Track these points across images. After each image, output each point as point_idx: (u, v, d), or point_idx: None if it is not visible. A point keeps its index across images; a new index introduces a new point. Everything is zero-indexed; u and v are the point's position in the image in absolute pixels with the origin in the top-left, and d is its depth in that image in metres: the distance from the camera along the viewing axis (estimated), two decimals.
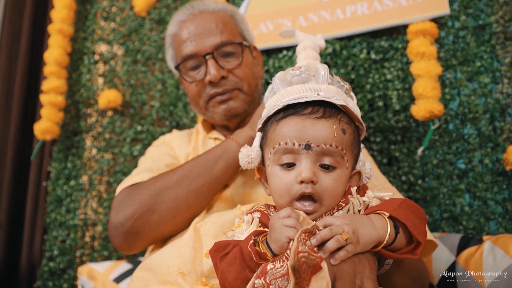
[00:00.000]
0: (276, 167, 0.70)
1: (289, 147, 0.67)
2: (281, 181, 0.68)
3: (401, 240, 0.63)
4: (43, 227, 1.82)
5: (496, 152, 1.20)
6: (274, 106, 0.74)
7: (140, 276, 0.88)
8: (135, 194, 0.90)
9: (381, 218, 0.63)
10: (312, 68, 0.75)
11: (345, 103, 0.71)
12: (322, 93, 0.71)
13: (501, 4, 1.25)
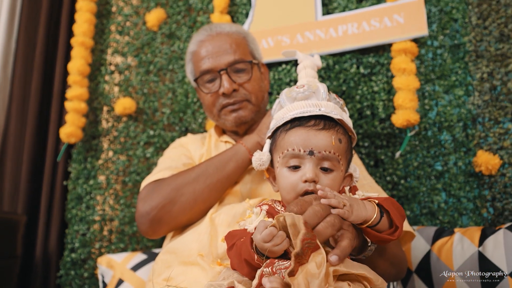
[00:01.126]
0: (284, 168, 0.85)
1: (296, 153, 0.81)
2: (288, 180, 0.83)
3: (384, 223, 0.76)
4: (60, 222, 1.99)
5: (468, 156, 1.38)
6: (282, 118, 0.88)
7: (164, 258, 1.04)
8: (159, 188, 1.07)
9: (371, 204, 0.77)
10: (313, 87, 0.90)
11: (341, 117, 0.86)
12: (323, 109, 0.84)
13: (473, 26, 1.43)
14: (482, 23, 1.42)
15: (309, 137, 0.82)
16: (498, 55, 1.38)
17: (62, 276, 1.68)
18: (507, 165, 1.31)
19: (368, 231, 0.74)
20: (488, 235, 1.15)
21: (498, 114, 1.35)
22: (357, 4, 1.56)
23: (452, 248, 1.19)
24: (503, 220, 1.30)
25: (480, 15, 1.42)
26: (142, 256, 1.56)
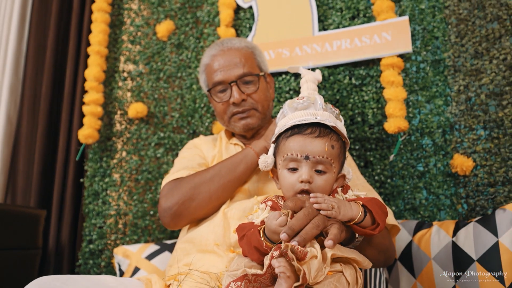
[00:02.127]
0: (284, 170, 1.01)
1: (294, 157, 0.96)
2: (288, 180, 0.99)
3: (367, 220, 0.92)
4: (72, 216, 2.15)
5: (446, 158, 1.56)
6: (284, 125, 1.03)
7: (182, 247, 1.21)
8: (179, 186, 1.23)
9: (357, 205, 0.93)
10: (311, 98, 1.06)
11: (335, 125, 1.01)
12: (319, 117, 0.98)
13: (452, 43, 1.61)
14: (459, 41, 1.60)
15: (306, 144, 0.95)
16: (473, 70, 1.56)
17: (81, 265, 1.84)
18: (479, 167, 1.50)
19: (354, 227, 0.90)
20: (461, 227, 1.34)
21: (472, 122, 1.54)
22: (350, 21, 1.74)
23: (430, 238, 1.38)
24: (475, 215, 1.49)
25: (458, 34, 1.61)
26: (155, 246, 1.72)
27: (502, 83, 1.51)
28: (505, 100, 1.50)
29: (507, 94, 1.50)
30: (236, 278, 0.89)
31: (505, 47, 1.52)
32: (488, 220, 1.29)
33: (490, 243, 1.24)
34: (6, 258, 1.69)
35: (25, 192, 2.46)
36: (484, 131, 1.52)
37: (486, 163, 1.49)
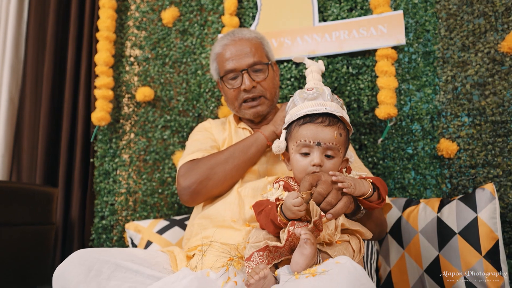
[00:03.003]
0: (297, 154, 1.13)
1: (307, 143, 1.09)
2: (300, 164, 1.12)
3: (375, 196, 1.06)
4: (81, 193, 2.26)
5: (433, 142, 1.72)
6: (296, 114, 1.13)
7: (199, 222, 1.34)
8: (196, 167, 1.35)
9: (367, 182, 1.07)
10: (320, 90, 1.17)
11: (342, 115, 1.14)
12: (328, 108, 1.09)
13: (442, 36, 1.75)
14: (448, 34, 1.74)
15: (317, 132, 1.08)
16: (460, 61, 1.71)
17: (94, 239, 1.97)
18: (462, 150, 1.66)
19: (363, 201, 1.06)
20: (445, 204, 1.51)
21: (457, 109, 1.69)
22: (347, 13, 1.86)
23: (417, 214, 1.55)
24: (457, 193, 1.66)
25: (447, 27, 1.74)
26: (165, 222, 1.86)
27: (485, 75, 1.66)
28: (487, 90, 1.65)
29: (490, 85, 1.65)
30: (259, 249, 1.04)
31: (490, 41, 1.67)
32: (469, 198, 1.46)
33: (470, 218, 1.42)
34: (24, 233, 1.81)
35: (30, 170, 2.55)
36: (468, 118, 1.68)
37: (469, 147, 1.65)
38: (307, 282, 0.84)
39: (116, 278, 1.02)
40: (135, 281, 1.04)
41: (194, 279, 1.00)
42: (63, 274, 1.02)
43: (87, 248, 1.10)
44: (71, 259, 1.04)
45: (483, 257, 1.36)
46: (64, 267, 1.03)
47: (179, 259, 1.20)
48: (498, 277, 1.34)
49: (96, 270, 1.02)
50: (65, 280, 1.01)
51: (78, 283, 0.99)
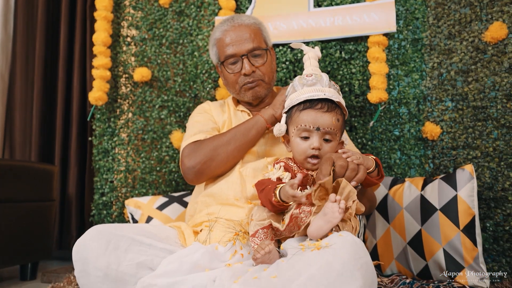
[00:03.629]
0: (297, 138, 1.22)
1: (307, 128, 1.17)
2: (300, 147, 1.21)
3: (375, 172, 1.17)
4: (78, 170, 2.31)
5: (418, 125, 1.84)
6: (296, 99, 1.20)
7: (203, 200, 1.44)
8: (200, 148, 1.43)
9: (371, 159, 1.18)
10: (318, 76, 1.24)
11: (339, 100, 1.23)
12: (326, 93, 1.17)
13: (430, 25, 1.84)
14: (436, 23, 1.83)
15: (317, 117, 1.16)
16: (446, 49, 1.81)
17: (95, 215, 2.05)
18: (445, 133, 1.79)
19: (366, 177, 1.13)
20: (428, 183, 1.64)
21: (442, 95, 1.81)
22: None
23: (403, 192, 1.68)
24: (439, 173, 1.80)
25: (435, 16, 1.83)
26: (164, 199, 1.95)
27: (469, 62, 1.77)
28: (470, 77, 1.77)
29: (472, 72, 1.76)
30: (263, 226, 1.14)
31: (474, 30, 1.77)
32: (450, 177, 1.59)
33: (451, 195, 1.55)
34: (26, 209, 1.86)
35: (23, 147, 2.58)
36: (451, 103, 1.79)
37: (451, 130, 1.78)
38: (312, 255, 0.94)
39: (132, 251, 1.11)
40: (150, 254, 1.13)
41: (205, 252, 1.10)
42: (83, 248, 1.10)
43: (102, 224, 1.18)
44: (90, 234, 1.12)
45: (461, 231, 1.51)
46: (84, 241, 1.11)
47: (186, 234, 1.30)
48: (473, 248, 1.49)
49: (114, 244, 1.10)
50: (86, 253, 1.09)
51: (98, 256, 1.08)
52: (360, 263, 0.92)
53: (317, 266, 0.90)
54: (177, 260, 1.08)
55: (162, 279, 1.05)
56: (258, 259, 1.06)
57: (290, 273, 0.92)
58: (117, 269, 1.07)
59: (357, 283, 0.88)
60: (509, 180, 1.66)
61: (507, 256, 1.64)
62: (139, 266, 1.09)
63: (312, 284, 0.87)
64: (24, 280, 1.93)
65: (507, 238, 1.65)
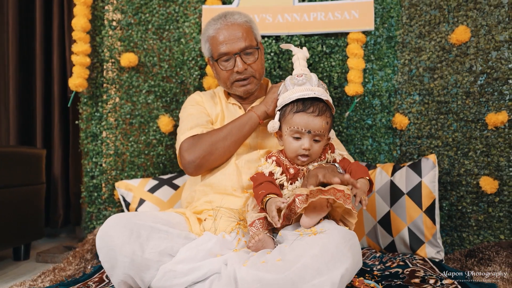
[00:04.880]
0: (290, 137, 1.36)
1: (299, 130, 1.32)
2: (292, 145, 1.35)
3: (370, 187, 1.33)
4: (62, 153, 2.35)
5: (389, 115, 2.04)
6: (288, 98, 1.33)
7: (201, 189, 1.56)
8: (199, 143, 1.54)
9: (367, 182, 1.30)
10: (308, 76, 1.38)
11: (327, 99, 1.38)
12: (316, 92, 1.30)
13: (403, 24, 2.01)
14: (409, 22, 2.01)
15: (309, 121, 1.30)
16: (416, 48, 2.00)
17: (86, 197, 2.12)
18: (412, 124, 2.01)
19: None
20: (397, 170, 1.87)
21: (411, 89, 2.01)
22: None
23: (375, 177, 1.90)
24: (405, 159, 2.03)
25: (408, 16, 2.00)
26: (154, 181, 2.05)
27: (436, 61, 1.97)
28: (436, 74, 1.97)
29: (438, 70, 1.97)
30: (259, 218, 1.30)
31: (442, 31, 1.96)
32: (416, 165, 1.83)
33: (416, 181, 1.78)
34: (18, 193, 1.91)
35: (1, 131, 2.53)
36: (418, 97, 2.00)
37: (417, 122, 2.00)
38: (311, 240, 1.12)
39: (153, 239, 1.24)
40: (170, 241, 1.26)
41: (217, 242, 1.26)
42: (107, 235, 1.21)
43: (120, 214, 1.29)
44: (112, 222, 1.23)
45: (423, 212, 1.75)
46: (107, 229, 1.22)
47: (192, 221, 1.44)
48: (432, 227, 1.75)
49: (136, 232, 1.22)
50: (111, 241, 1.20)
51: (123, 243, 1.19)
52: (349, 244, 1.12)
53: (315, 249, 1.08)
54: (194, 248, 1.22)
55: (182, 265, 1.20)
56: (251, 247, 1.23)
57: (292, 255, 1.10)
58: (142, 256, 1.20)
59: (348, 261, 1.08)
60: (464, 167, 1.93)
61: (458, 231, 1.93)
62: (161, 254, 1.23)
63: (313, 264, 1.05)
64: (18, 260, 2.00)
65: (459, 216, 1.93)
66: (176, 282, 1.20)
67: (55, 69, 2.40)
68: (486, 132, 1.91)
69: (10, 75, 2.46)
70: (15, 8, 2.47)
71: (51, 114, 2.44)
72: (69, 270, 1.73)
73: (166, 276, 1.20)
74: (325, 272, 1.05)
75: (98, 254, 1.22)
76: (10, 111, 2.45)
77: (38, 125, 2.42)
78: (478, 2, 1.92)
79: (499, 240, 1.87)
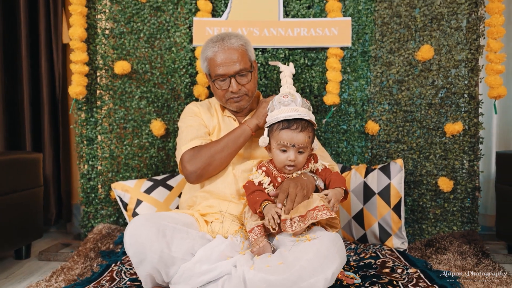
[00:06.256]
0: (278, 150, 1.55)
1: (285, 145, 1.52)
2: (280, 157, 1.55)
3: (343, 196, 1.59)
4: (53, 156, 2.43)
5: (362, 122, 2.30)
6: (275, 117, 1.53)
7: (202, 195, 1.75)
8: (199, 155, 1.70)
9: (341, 191, 1.55)
10: (293, 97, 1.60)
11: (310, 118, 1.60)
12: (300, 114, 1.53)
13: (376, 40, 2.24)
14: (381, 38, 2.24)
15: (293, 137, 1.51)
16: (387, 62, 2.24)
17: (83, 198, 2.25)
18: (382, 130, 2.27)
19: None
20: (369, 172, 2.13)
21: (382, 99, 2.26)
22: (306, 10, 2.22)
23: (350, 178, 2.16)
24: (376, 160, 2.30)
25: (381, 33, 2.23)
26: (149, 182, 2.21)
27: (403, 74, 2.23)
28: (403, 86, 2.24)
29: (405, 83, 2.23)
30: (258, 225, 1.52)
31: (409, 48, 2.22)
32: (386, 168, 2.10)
33: (385, 183, 2.06)
34: (20, 197, 2.01)
35: None
36: (388, 106, 2.26)
37: (386, 128, 2.27)
38: (307, 245, 1.36)
39: (176, 238, 1.41)
40: (190, 240, 1.44)
41: (228, 244, 1.46)
42: (137, 234, 1.37)
43: (146, 214, 1.46)
44: (139, 222, 1.39)
45: (391, 209, 2.04)
46: (136, 228, 1.38)
47: (201, 222, 1.62)
48: (398, 221, 2.04)
49: (162, 232, 1.39)
50: (140, 239, 1.36)
51: (152, 241, 1.36)
52: (337, 247, 1.37)
53: (310, 253, 1.32)
54: (209, 250, 1.42)
55: (199, 265, 1.39)
56: (255, 251, 1.45)
57: (291, 259, 1.33)
58: (169, 254, 1.38)
59: (337, 262, 1.33)
60: (425, 169, 2.23)
61: (419, 223, 2.25)
62: (185, 252, 1.41)
63: (309, 266, 1.29)
64: (20, 259, 2.12)
65: (420, 210, 2.24)
66: (193, 280, 1.39)
67: (43, 73, 2.45)
68: (445, 139, 2.21)
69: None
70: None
71: (40, 117, 2.50)
72: (76, 269, 1.88)
73: (185, 274, 1.39)
74: (320, 272, 1.29)
75: (127, 250, 1.38)
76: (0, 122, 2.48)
77: (27, 128, 2.47)
78: (441, 24, 2.18)
79: (453, 231, 2.20)
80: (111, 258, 1.97)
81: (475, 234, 2.15)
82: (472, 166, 2.21)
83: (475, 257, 1.97)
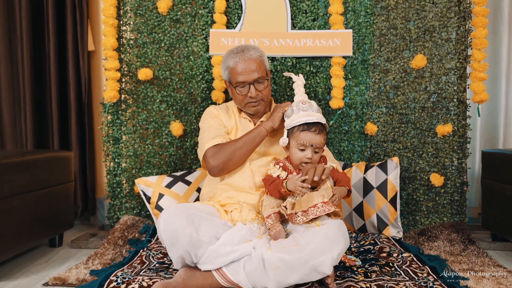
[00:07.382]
0: (296, 149, 1.80)
1: (304, 144, 1.77)
2: (298, 155, 1.80)
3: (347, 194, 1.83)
4: (80, 154, 2.66)
5: (362, 123, 2.53)
6: (297, 121, 1.77)
7: (222, 187, 1.98)
8: (221, 152, 1.94)
9: (344, 189, 1.79)
10: (309, 103, 1.84)
11: (325, 122, 1.84)
12: (318, 118, 1.76)
13: (374, 49, 2.48)
14: (379, 48, 2.48)
15: (312, 138, 1.76)
16: (384, 69, 2.49)
17: (110, 193, 2.48)
18: (380, 131, 2.51)
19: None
20: (368, 169, 2.37)
21: (379, 103, 2.51)
22: (311, 22, 2.46)
23: (351, 174, 2.40)
24: (374, 158, 2.54)
25: (379, 43, 2.48)
26: (169, 178, 2.44)
27: (399, 81, 2.47)
28: (399, 92, 2.48)
29: (401, 88, 2.48)
30: (274, 212, 1.75)
31: (404, 57, 2.46)
32: (383, 165, 2.34)
33: (383, 178, 2.30)
34: (54, 192, 2.24)
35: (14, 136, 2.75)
36: (385, 109, 2.51)
37: (384, 129, 2.51)
38: (317, 230, 1.59)
39: (203, 225, 1.64)
40: (215, 227, 1.67)
41: (248, 230, 1.70)
42: (170, 221, 1.59)
43: (177, 205, 1.69)
44: (172, 211, 1.62)
45: (388, 202, 2.28)
46: (169, 217, 1.60)
47: (221, 212, 1.86)
48: (394, 213, 2.28)
49: (190, 219, 1.62)
50: (173, 225, 1.59)
51: (183, 227, 1.58)
52: (342, 232, 1.61)
53: (320, 236, 1.56)
54: (232, 235, 1.66)
55: (223, 247, 1.63)
56: (272, 235, 1.68)
57: (304, 242, 1.57)
58: (197, 238, 1.60)
59: (342, 244, 1.57)
60: (418, 166, 2.47)
61: (413, 214, 2.49)
62: (211, 236, 1.64)
63: (318, 247, 1.52)
64: (53, 247, 2.35)
65: (414, 203, 2.49)
66: (219, 260, 1.63)
67: (71, 79, 2.66)
68: (436, 139, 2.45)
69: (25, 82, 2.69)
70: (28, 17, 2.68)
71: (68, 119, 2.72)
72: (108, 254, 2.11)
73: (212, 255, 1.63)
74: (327, 252, 1.53)
75: (161, 235, 1.61)
76: (27, 117, 2.69)
77: (55, 129, 2.69)
78: (433, 36, 2.42)
79: (443, 221, 2.44)
80: (138, 245, 2.20)
81: (463, 224, 2.40)
82: (460, 164, 2.46)
83: (462, 244, 2.21)
